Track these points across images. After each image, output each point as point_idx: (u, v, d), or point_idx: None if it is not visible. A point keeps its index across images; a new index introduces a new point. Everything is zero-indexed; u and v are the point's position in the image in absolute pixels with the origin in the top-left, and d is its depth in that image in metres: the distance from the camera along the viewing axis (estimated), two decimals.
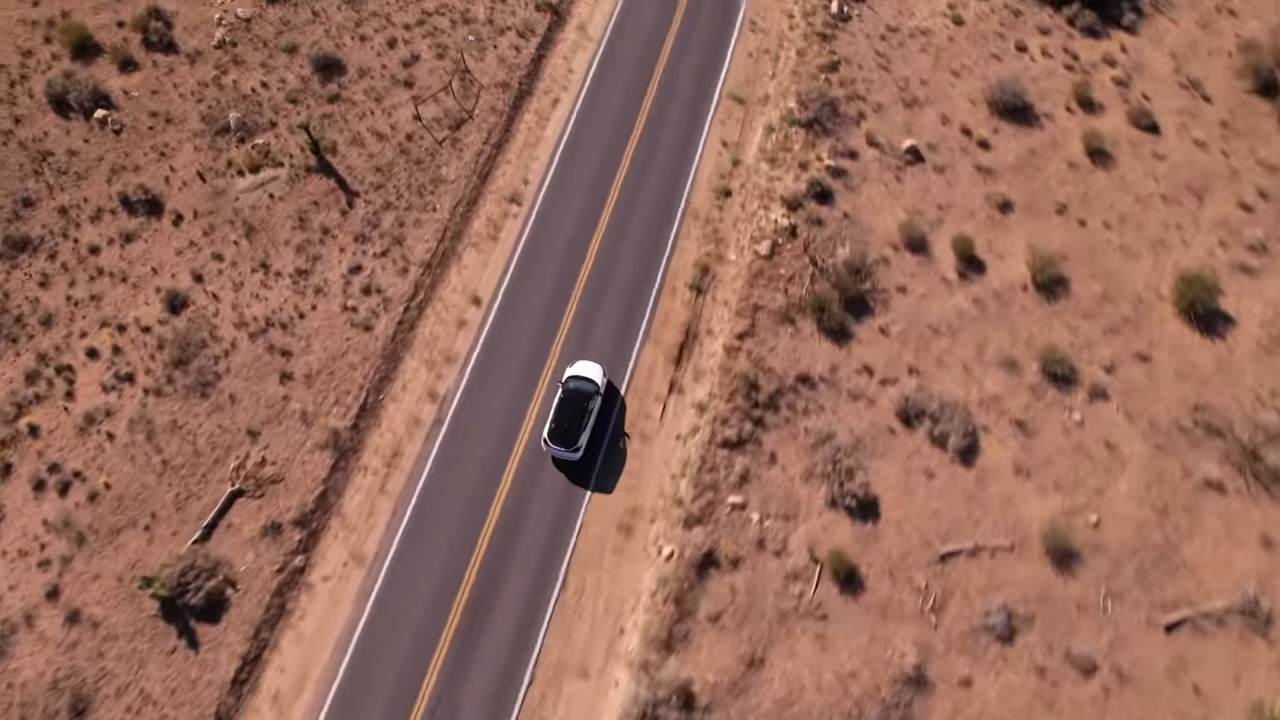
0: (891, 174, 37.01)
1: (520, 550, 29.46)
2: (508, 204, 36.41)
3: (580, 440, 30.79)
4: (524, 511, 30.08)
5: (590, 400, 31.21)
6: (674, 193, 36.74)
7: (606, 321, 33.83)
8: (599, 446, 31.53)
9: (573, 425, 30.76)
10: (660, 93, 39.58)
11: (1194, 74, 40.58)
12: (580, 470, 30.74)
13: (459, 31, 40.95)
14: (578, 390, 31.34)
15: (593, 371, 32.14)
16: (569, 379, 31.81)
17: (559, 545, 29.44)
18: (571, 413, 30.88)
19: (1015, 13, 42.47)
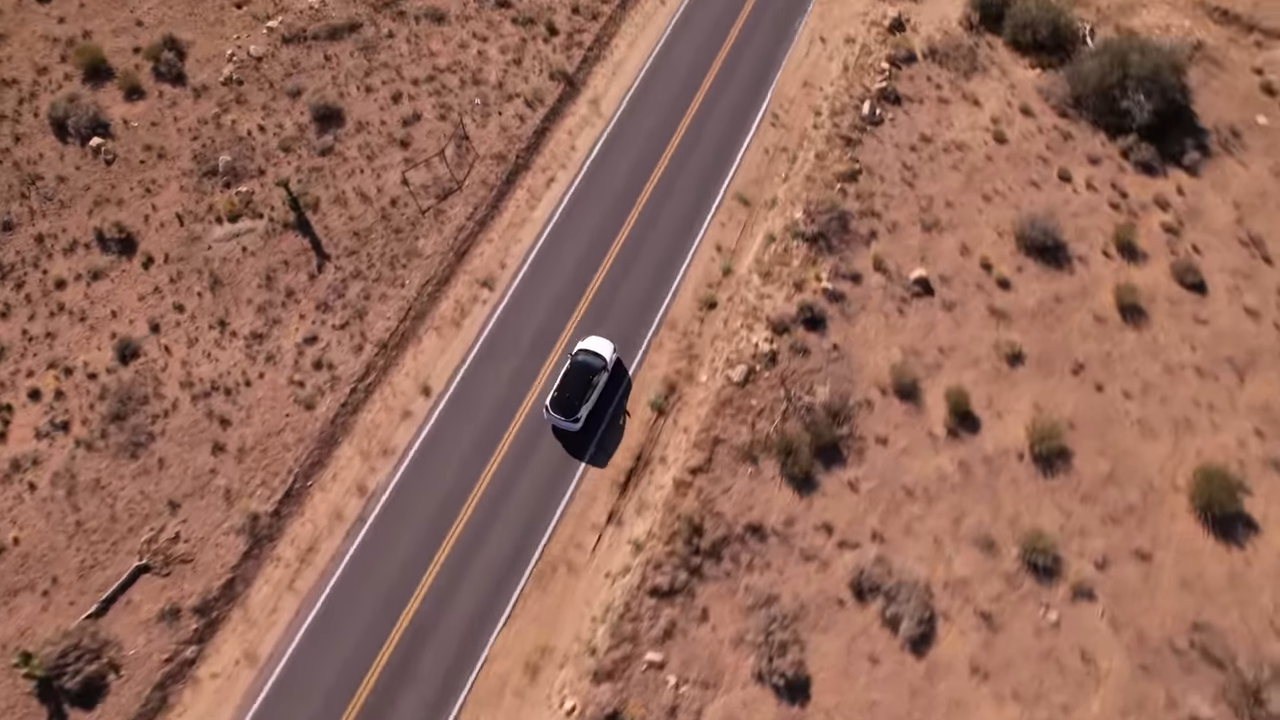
0: (894, 305, 33.91)
1: (422, 670, 27.51)
2: (480, 287, 34.56)
3: (581, 412, 30.90)
4: (433, 625, 28.15)
5: (596, 375, 31.33)
6: (655, 297, 34.33)
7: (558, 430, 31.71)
8: (599, 423, 31.54)
9: (575, 396, 30.92)
10: (662, 182, 37.23)
11: (1258, 229, 36.29)
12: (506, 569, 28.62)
13: (466, 93, 39.39)
14: (585, 364, 31.45)
15: (603, 348, 32.20)
16: (578, 351, 32.04)
17: (459, 675, 27.38)
18: (576, 385, 31.08)
19: (1065, 135, 38.78)
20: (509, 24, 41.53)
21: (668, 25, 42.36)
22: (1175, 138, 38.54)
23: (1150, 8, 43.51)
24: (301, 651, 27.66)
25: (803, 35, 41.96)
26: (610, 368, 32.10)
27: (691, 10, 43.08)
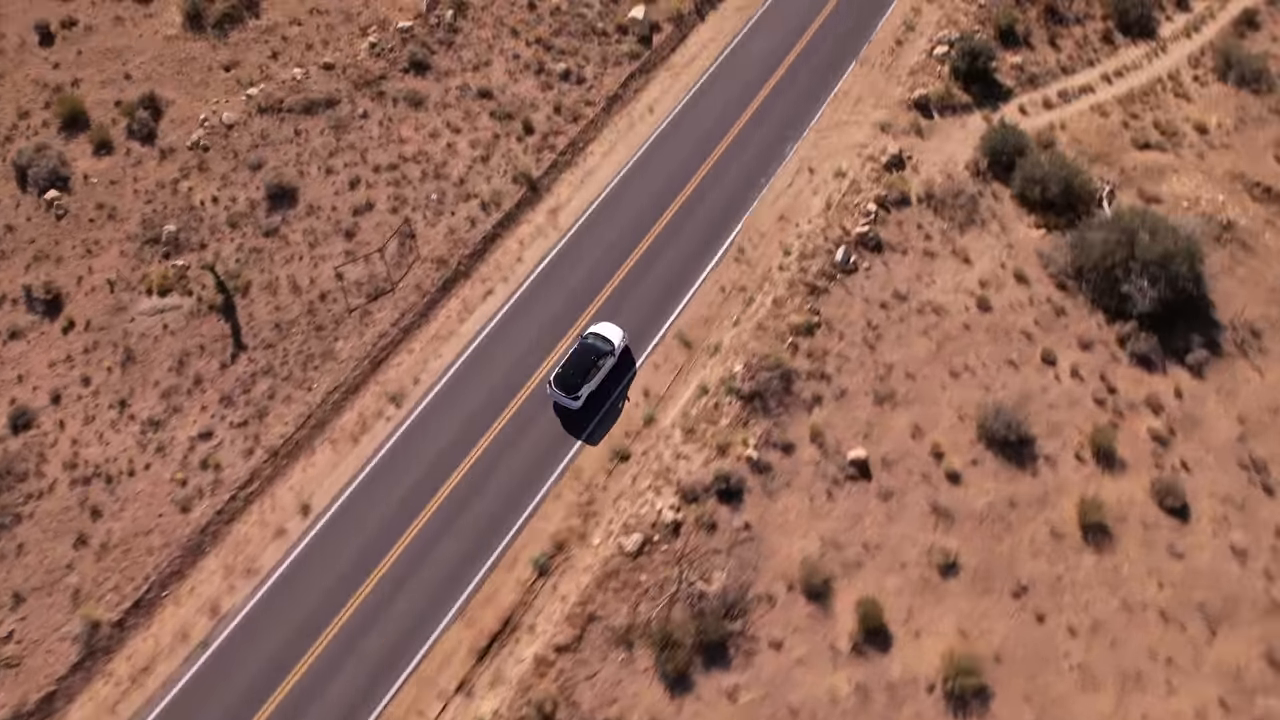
0: (824, 486, 30.49)
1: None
2: (387, 402, 32.54)
3: (582, 391, 31.63)
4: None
5: (602, 358, 32.19)
6: (565, 439, 31.73)
7: (439, 566, 29.19)
8: (600, 404, 32.16)
9: (578, 375, 31.71)
10: (603, 310, 34.62)
11: (1262, 452, 31.64)
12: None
13: (425, 187, 37.76)
14: (592, 346, 32.41)
15: (612, 333, 33.07)
16: (588, 334, 33.00)
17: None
18: (581, 364, 31.93)
19: (1058, 311, 34.85)
20: (486, 117, 39.94)
21: (651, 134, 40.12)
22: (1183, 330, 34.16)
23: (1182, 175, 39.25)
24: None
25: (791, 161, 39.10)
26: (618, 354, 32.77)
27: (681, 119, 40.78)
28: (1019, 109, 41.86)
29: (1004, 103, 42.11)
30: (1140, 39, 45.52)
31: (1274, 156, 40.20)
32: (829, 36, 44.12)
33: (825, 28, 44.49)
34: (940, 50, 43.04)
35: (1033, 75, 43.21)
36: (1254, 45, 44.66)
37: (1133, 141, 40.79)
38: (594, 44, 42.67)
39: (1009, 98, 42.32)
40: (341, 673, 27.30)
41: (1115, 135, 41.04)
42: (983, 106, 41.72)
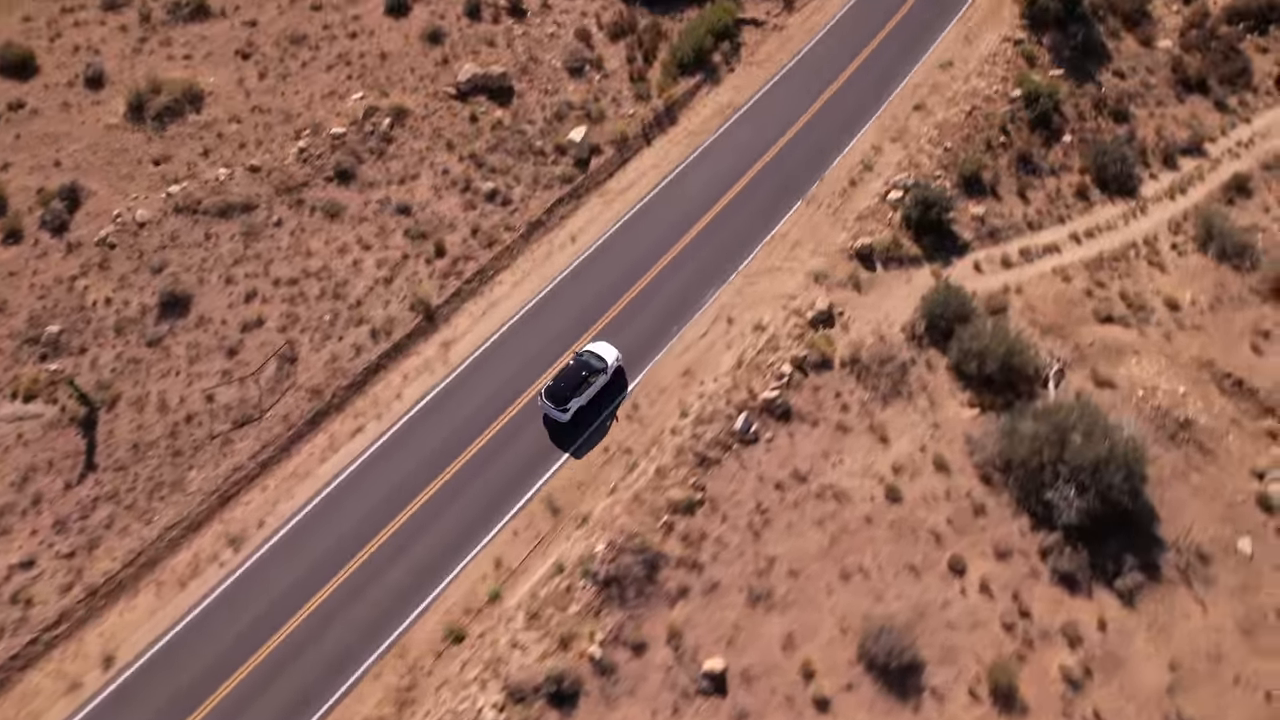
0: (671, 699, 26.70)
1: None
2: (225, 545, 29.95)
3: (571, 405, 32.22)
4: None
5: (593, 375, 32.80)
6: (398, 612, 28.52)
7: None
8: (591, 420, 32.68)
9: (568, 389, 32.30)
10: (474, 461, 31.79)
11: (1192, 712, 26.96)
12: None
13: (321, 306, 35.77)
14: (585, 363, 33.09)
15: (605, 352, 33.72)
16: (583, 351, 33.71)
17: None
18: (572, 379, 32.57)
19: (978, 509, 30.83)
20: (400, 234, 38.01)
21: (568, 265, 37.64)
22: (1118, 545, 29.82)
23: (1144, 357, 35.17)
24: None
25: (711, 308, 36.13)
26: (610, 374, 33.24)
27: (604, 251, 38.31)
28: (974, 265, 38.35)
29: (958, 257, 38.66)
30: (1119, 197, 41.80)
31: (1250, 344, 35.89)
32: (779, 170, 41.46)
33: (778, 159, 41.89)
34: (894, 195, 39.94)
35: (994, 229, 39.77)
36: (1242, 214, 40.60)
37: (1094, 313, 36.91)
38: (529, 163, 40.74)
39: (965, 252, 38.89)
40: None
41: (1076, 304, 37.23)
42: (934, 260, 38.37)
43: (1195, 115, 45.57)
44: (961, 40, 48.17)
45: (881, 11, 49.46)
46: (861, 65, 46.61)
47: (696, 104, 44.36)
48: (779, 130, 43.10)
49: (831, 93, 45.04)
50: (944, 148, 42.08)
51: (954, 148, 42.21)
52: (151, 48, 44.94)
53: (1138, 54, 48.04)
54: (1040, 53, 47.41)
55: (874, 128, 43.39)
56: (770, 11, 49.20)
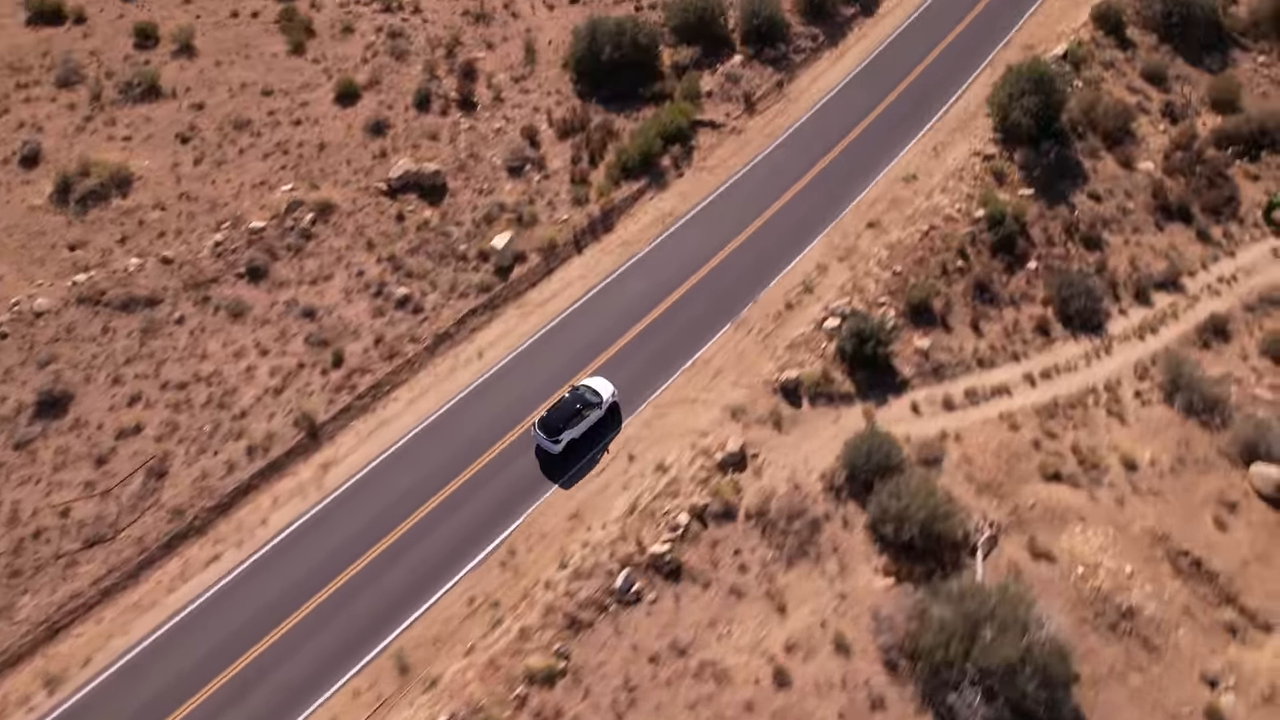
0: None
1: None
2: (41, 686, 27.03)
3: (563, 437, 32.13)
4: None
5: (587, 409, 32.78)
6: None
7: None
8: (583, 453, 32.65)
9: (561, 421, 32.30)
10: (332, 601, 28.74)
11: None
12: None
13: (204, 416, 33.48)
14: (579, 396, 33.13)
15: (601, 387, 33.78)
16: (579, 385, 33.78)
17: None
18: (566, 411, 32.58)
19: (875, 703, 26.53)
20: (300, 341, 35.74)
21: (471, 383, 34.77)
22: None
23: (1089, 527, 31.19)
24: None
25: (615, 442, 33.19)
26: (605, 408, 33.21)
27: (511, 369, 35.28)
28: (911, 406, 34.94)
29: (896, 396, 35.26)
30: (1083, 334, 38.17)
31: (1212, 517, 31.80)
32: (713, 287, 38.46)
33: (714, 275, 39.04)
34: (831, 323, 36.85)
35: (939, 365, 36.39)
36: (1216, 362, 36.78)
37: (1040, 469, 33.13)
38: (449, 268, 38.52)
39: (903, 390, 35.50)
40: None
41: (1020, 458, 33.53)
42: (867, 398, 35.05)
43: (1174, 245, 42.04)
44: (929, 152, 45.43)
45: (849, 115, 47.08)
46: (819, 174, 44.05)
47: (637, 210, 42.03)
48: (720, 243, 40.44)
49: (782, 204, 42.43)
50: (893, 271, 38.97)
51: (905, 271, 39.09)
52: (95, 127, 44.09)
53: (1116, 175, 44.76)
54: (1011, 170, 44.39)
55: (822, 245, 40.57)
56: (730, 114, 47.07)
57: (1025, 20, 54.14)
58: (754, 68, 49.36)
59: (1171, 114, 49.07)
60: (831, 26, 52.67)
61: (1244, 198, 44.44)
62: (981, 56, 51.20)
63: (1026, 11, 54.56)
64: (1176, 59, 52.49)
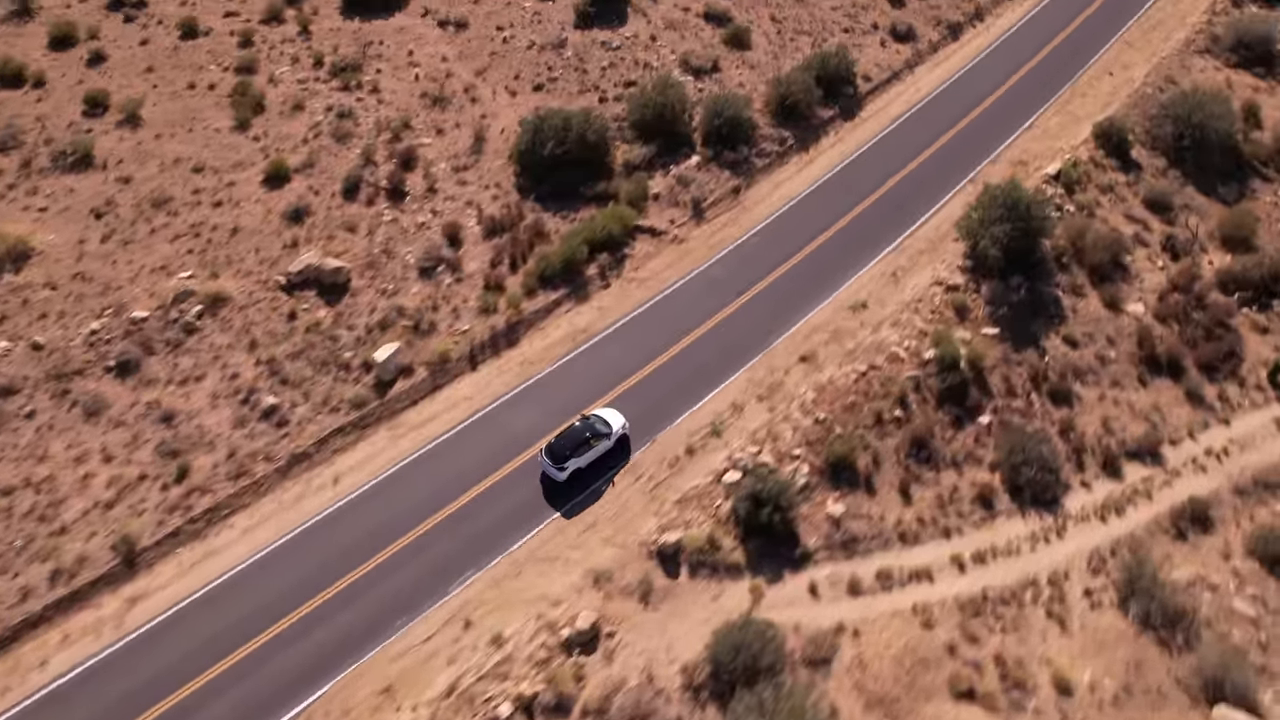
0: None
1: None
2: None
3: (569, 465, 31.51)
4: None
5: (596, 439, 32.16)
6: None
7: None
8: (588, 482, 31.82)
9: (568, 449, 31.65)
10: None
11: None
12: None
13: (19, 528, 29.56)
14: (589, 425, 32.49)
15: (613, 419, 33.08)
16: (591, 415, 33.11)
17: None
18: (573, 439, 31.92)
19: None
20: (149, 449, 32.39)
21: (317, 514, 30.63)
22: None
23: None
24: None
25: (454, 599, 28.39)
26: (614, 440, 32.62)
27: (368, 499, 31.15)
28: (810, 587, 29.50)
29: (794, 571, 30.00)
30: (1033, 509, 32.32)
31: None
32: None
33: (615, 408, 34.90)
34: (731, 476, 32.07)
35: (852, 536, 31.03)
36: (1190, 558, 30.53)
37: (950, 683, 27.34)
38: (327, 378, 34.94)
39: (804, 564, 30.23)
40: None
41: (929, 666, 27.83)
42: (759, 572, 29.78)
43: (1158, 406, 36.09)
44: (887, 277, 40.62)
45: (805, 229, 42.61)
46: (759, 294, 39.55)
47: (549, 324, 38.10)
48: (630, 368, 36.01)
49: (709, 327, 37.96)
50: (816, 418, 34.12)
51: (831, 419, 34.12)
52: (15, 195, 42.26)
53: (1099, 317, 39.17)
54: (976, 304, 39.24)
55: (744, 379, 35.91)
56: (675, 220, 43.16)
57: (1020, 134, 49.40)
58: (710, 171, 45.62)
59: (1173, 248, 43.39)
60: (804, 129, 48.81)
61: (1248, 353, 38.32)
62: (964, 171, 46.49)
63: (1023, 125, 49.88)
64: (1186, 186, 46.95)
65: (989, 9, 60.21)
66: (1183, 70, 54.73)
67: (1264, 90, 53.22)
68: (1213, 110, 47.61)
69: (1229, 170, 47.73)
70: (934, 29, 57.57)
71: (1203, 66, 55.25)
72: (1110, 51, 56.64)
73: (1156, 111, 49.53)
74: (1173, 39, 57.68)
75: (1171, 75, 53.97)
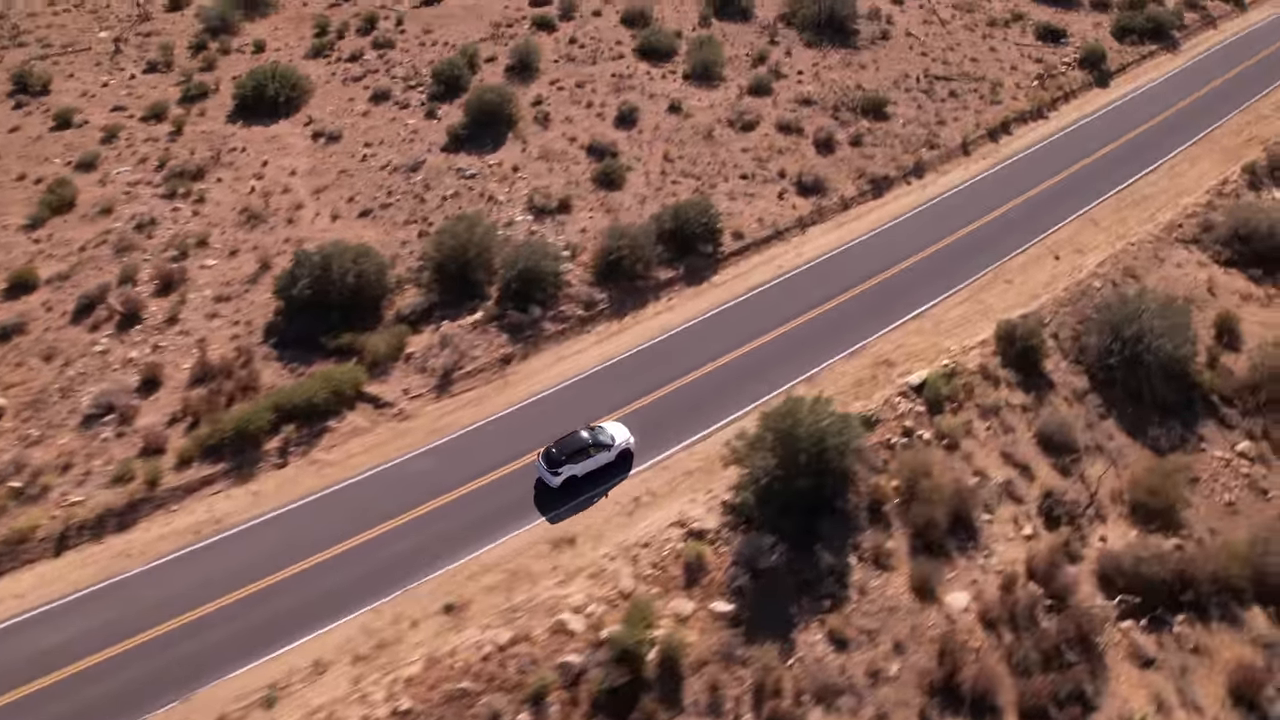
0: None
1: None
2: None
3: (563, 471, 30.31)
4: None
5: (596, 449, 30.90)
6: None
7: None
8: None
9: (564, 455, 30.43)
10: None
11: None
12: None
13: None
14: (592, 435, 31.19)
15: (618, 432, 31.81)
16: (597, 426, 31.92)
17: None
18: (571, 447, 30.69)
19: None
20: None
21: None
22: None
23: None
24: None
25: None
26: (615, 453, 31.33)
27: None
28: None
29: None
30: None
31: None
32: (150, 660, 25.07)
33: (167, 641, 25.40)
34: None
35: None
36: None
37: None
38: None
39: None
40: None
41: None
42: None
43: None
44: (626, 503, 30.17)
45: (564, 419, 32.51)
46: (455, 502, 29.97)
47: (184, 507, 29.87)
48: (229, 584, 27.20)
49: (370, 537, 28.80)
50: (396, 710, 23.74)
51: (419, 715, 24.11)
52: None
53: (896, 608, 27.05)
54: (718, 563, 28.07)
55: (359, 623, 26.17)
56: (411, 391, 34.72)
57: (905, 322, 38.29)
58: (486, 333, 37.19)
59: (1052, 511, 30.98)
60: (629, 292, 39.71)
61: (1107, 700, 25.36)
62: (804, 366, 35.72)
63: (914, 310, 38.77)
64: (1107, 419, 34.25)
65: (934, 164, 50.06)
66: (1153, 262, 42.18)
67: (1255, 299, 39.75)
68: (1161, 321, 35.06)
69: (1174, 404, 34.78)
70: (854, 182, 47.81)
71: (1182, 260, 42.43)
72: (1068, 228, 44.78)
73: (1090, 315, 37.57)
74: (1155, 220, 45.16)
75: (1133, 268, 41.54)
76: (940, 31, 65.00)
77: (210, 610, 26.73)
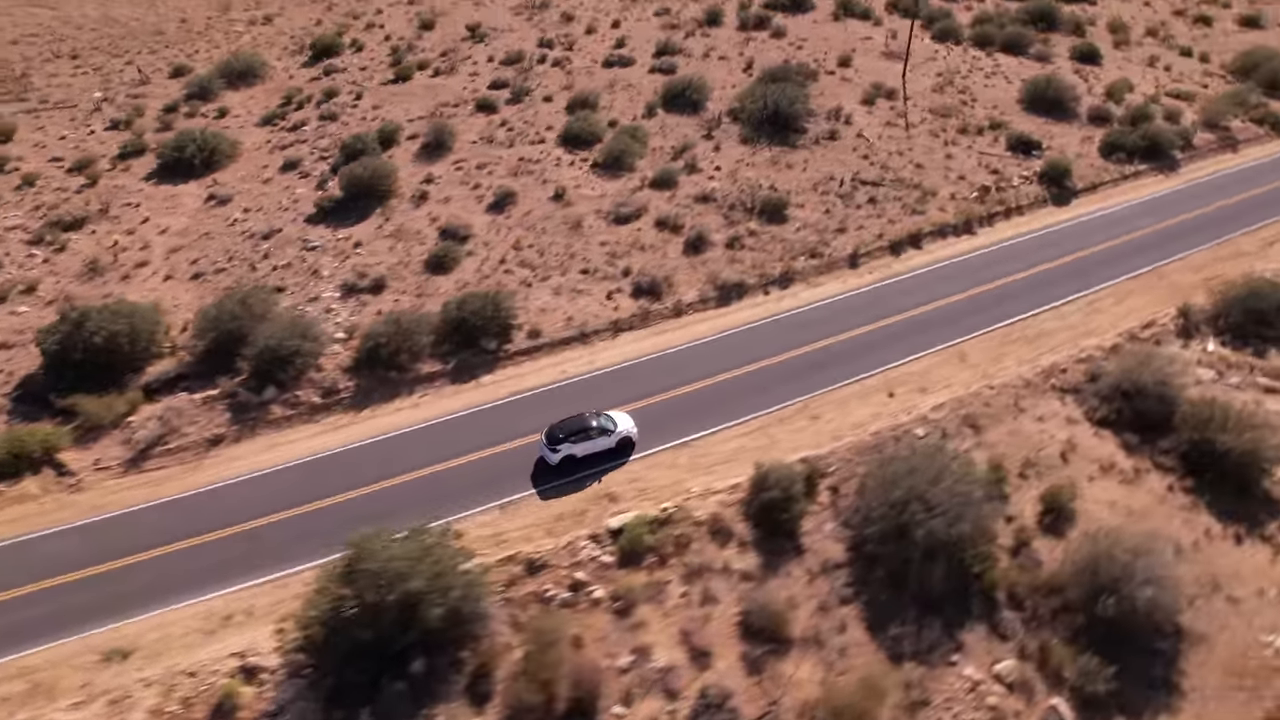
0: None
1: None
2: None
3: (561, 450, 31.34)
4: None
5: (596, 433, 31.83)
6: None
7: None
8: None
9: (563, 433, 31.49)
10: None
11: None
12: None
13: None
14: (596, 419, 32.19)
15: (621, 421, 32.75)
16: (603, 412, 32.94)
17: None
18: (572, 427, 31.77)
19: None
20: None
21: None
22: None
23: None
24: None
25: None
26: (615, 439, 32.11)
27: None
28: None
29: None
30: None
31: None
32: None
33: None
34: None
35: None
36: None
37: None
38: None
39: None
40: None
41: None
42: None
43: None
44: (216, 620, 26.15)
45: (231, 514, 29.68)
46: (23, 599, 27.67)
47: None
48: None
49: None
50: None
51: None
52: None
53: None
54: (256, 707, 23.75)
55: None
56: (99, 462, 32.63)
57: (656, 452, 32.32)
58: (213, 409, 34.85)
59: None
60: (383, 383, 36.29)
61: None
62: (507, 492, 30.64)
63: (671, 442, 32.56)
64: (850, 604, 26.90)
65: (808, 274, 44.28)
66: (1008, 411, 34.38)
67: (1116, 472, 31.02)
68: (939, 488, 27.72)
69: (944, 597, 26.85)
70: (699, 288, 42.96)
71: (1047, 413, 34.31)
72: (926, 360, 37.64)
73: (872, 469, 30.58)
74: (1036, 363, 37.34)
75: (976, 416, 33.97)
76: (900, 135, 59.65)
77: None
